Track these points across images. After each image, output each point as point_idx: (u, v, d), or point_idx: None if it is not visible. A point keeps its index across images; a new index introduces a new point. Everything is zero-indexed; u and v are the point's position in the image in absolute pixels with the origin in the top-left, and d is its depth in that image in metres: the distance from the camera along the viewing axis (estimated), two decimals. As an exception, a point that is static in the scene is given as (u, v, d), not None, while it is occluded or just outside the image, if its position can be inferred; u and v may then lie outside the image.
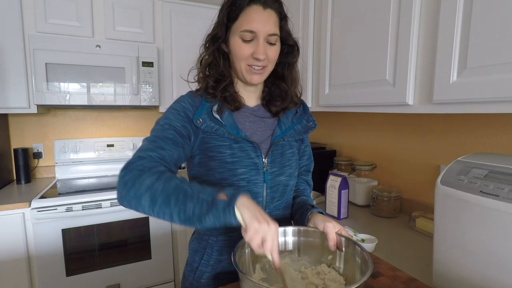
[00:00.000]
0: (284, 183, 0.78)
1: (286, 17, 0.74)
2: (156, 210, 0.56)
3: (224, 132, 0.70)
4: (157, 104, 1.92)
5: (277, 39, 0.71)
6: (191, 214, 0.55)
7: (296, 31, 1.47)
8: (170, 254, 1.80)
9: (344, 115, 1.75)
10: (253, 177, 0.73)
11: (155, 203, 0.56)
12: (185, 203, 0.55)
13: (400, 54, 0.92)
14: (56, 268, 1.54)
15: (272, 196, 0.77)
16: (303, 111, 0.84)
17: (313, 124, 0.83)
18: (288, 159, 0.79)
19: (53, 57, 1.65)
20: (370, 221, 1.27)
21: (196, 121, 0.70)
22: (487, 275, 0.60)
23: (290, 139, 0.79)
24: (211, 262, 0.76)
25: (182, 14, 1.97)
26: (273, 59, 0.72)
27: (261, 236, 0.54)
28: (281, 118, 0.80)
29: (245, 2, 0.67)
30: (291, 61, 0.78)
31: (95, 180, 1.96)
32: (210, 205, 0.54)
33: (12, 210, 1.46)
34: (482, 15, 0.71)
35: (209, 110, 0.71)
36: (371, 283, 0.67)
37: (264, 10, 0.68)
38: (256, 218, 0.54)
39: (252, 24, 0.67)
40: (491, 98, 0.69)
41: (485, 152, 0.97)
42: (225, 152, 0.71)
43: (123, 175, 0.59)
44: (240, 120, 0.75)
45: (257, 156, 0.73)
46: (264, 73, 0.73)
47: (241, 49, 0.69)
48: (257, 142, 0.74)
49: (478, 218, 0.60)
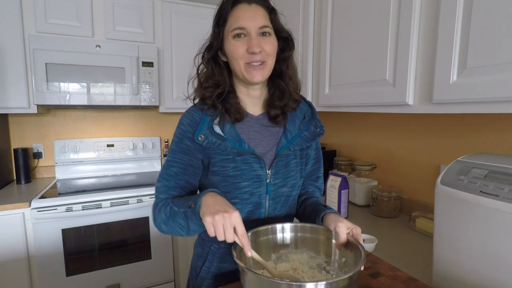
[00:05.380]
0: (286, 194, 0.77)
1: (274, 10, 0.72)
2: (171, 232, 0.69)
3: (227, 147, 0.69)
4: (157, 104, 1.92)
5: (270, 30, 0.70)
6: (186, 226, 0.64)
7: (296, 31, 1.47)
8: (170, 254, 1.80)
9: (344, 115, 1.75)
10: (256, 189, 0.73)
11: (168, 228, 0.69)
12: (177, 220, 0.65)
13: (400, 54, 0.92)
14: (56, 268, 1.54)
15: (274, 207, 0.76)
16: (311, 116, 0.80)
17: (321, 130, 0.78)
18: (292, 170, 0.77)
19: (53, 57, 1.65)
20: (370, 221, 1.27)
21: (198, 139, 0.69)
22: (487, 275, 0.60)
23: (296, 148, 0.76)
24: (212, 269, 0.76)
25: (182, 14, 1.97)
26: (270, 51, 0.69)
27: (220, 226, 0.56)
28: (287, 126, 0.76)
29: (230, 4, 0.68)
30: (287, 54, 0.75)
31: (95, 180, 1.96)
32: (187, 216, 0.63)
33: (12, 210, 1.46)
34: (482, 15, 0.71)
35: (210, 124, 0.70)
36: (371, 283, 0.67)
37: (250, 5, 0.68)
38: (209, 213, 0.57)
39: (240, 21, 0.67)
40: (491, 98, 0.69)
41: (485, 152, 0.97)
42: (228, 166, 0.71)
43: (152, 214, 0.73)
44: (244, 131, 0.74)
45: (260, 168, 0.72)
46: (265, 69, 0.70)
47: (235, 47, 0.68)
48: (262, 153, 0.73)
49: (478, 218, 0.60)
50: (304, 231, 0.70)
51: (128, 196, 1.66)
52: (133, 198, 1.67)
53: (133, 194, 1.67)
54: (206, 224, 0.56)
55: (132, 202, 1.66)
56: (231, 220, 0.56)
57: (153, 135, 2.30)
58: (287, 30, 0.75)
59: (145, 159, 2.22)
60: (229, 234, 0.56)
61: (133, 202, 1.66)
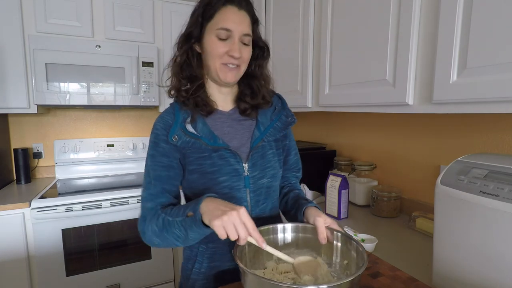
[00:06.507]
0: (266, 185, 0.77)
1: (257, 20, 0.76)
2: (165, 244, 0.68)
3: (201, 144, 0.70)
4: (157, 104, 1.92)
5: (250, 40, 0.73)
6: (183, 236, 0.64)
7: (296, 32, 1.47)
8: (170, 254, 1.80)
9: (344, 115, 1.75)
10: (235, 183, 0.73)
11: (162, 240, 0.68)
12: (172, 231, 0.65)
13: (400, 54, 0.92)
14: (56, 268, 1.54)
15: (257, 199, 0.76)
16: (281, 107, 0.83)
17: (292, 119, 0.82)
18: (269, 160, 0.78)
19: (53, 57, 1.65)
20: (370, 221, 1.27)
21: (172, 139, 0.70)
22: (487, 275, 0.60)
23: (270, 139, 0.78)
24: (203, 270, 0.76)
25: (182, 14, 1.97)
26: (246, 59, 0.73)
27: (231, 226, 0.56)
28: (259, 119, 0.79)
29: (221, 2, 0.69)
30: (262, 62, 0.80)
31: (95, 180, 1.96)
32: (185, 226, 0.62)
33: (12, 210, 1.46)
34: (482, 15, 0.70)
35: (182, 124, 0.71)
36: (371, 283, 0.67)
37: (239, 10, 0.70)
38: (216, 216, 0.57)
39: (228, 23, 0.68)
40: (491, 98, 0.69)
41: (485, 152, 0.97)
42: (204, 163, 0.72)
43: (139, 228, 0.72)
44: (217, 127, 0.75)
45: (237, 162, 0.73)
46: (239, 72, 0.74)
47: (217, 46, 0.70)
48: (236, 147, 0.74)
49: (478, 218, 0.60)
50: (305, 232, 0.71)
51: (128, 196, 1.66)
52: (133, 198, 1.67)
53: (133, 194, 1.67)
54: (215, 228, 0.56)
55: (132, 202, 1.66)
56: (240, 217, 0.57)
57: (153, 135, 2.30)
58: (264, 41, 0.79)
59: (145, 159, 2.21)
60: (241, 230, 0.56)
61: (133, 202, 1.67)
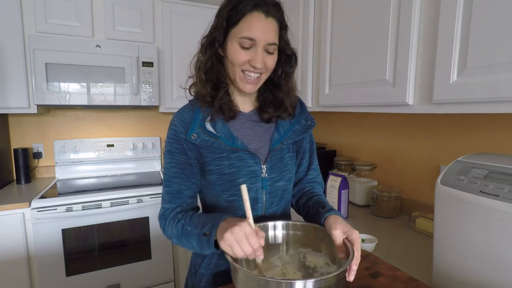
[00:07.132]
0: (282, 188, 0.77)
1: (286, 27, 0.72)
2: (183, 247, 0.71)
3: (220, 144, 0.69)
4: (157, 104, 1.92)
5: (276, 48, 0.70)
6: (198, 248, 0.66)
7: (296, 32, 1.47)
8: (170, 254, 1.80)
9: (344, 115, 1.75)
10: (252, 185, 0.73)
11: (181, 244, 0.70)
12: (190, 241, 0.67)
13: (400, 54, 0.92)
14: (56, 268, 1.54)
15: (271, 201, 0.76)
16: (301, 110, 0.81)
17: (311, 122, 0.80)
18: (287, 163, 0.77)
19: (53, 57, 1.65)
20: (370, 221, 1.27)
21: (190, 137, 0.69)
22: (487, 275, 0.60)
23: (289, 142, 0.77)
24: (211, 266, 0.77)
25: (182, 14, 1.97)
26: (270, 68, 0.71)
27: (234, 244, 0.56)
28: (279, 121, 0.78)
29: (248, 8, 0.65)
30: (288, 70, 0.76)
31: (95, 180, 1.96)
32: (201, 242, 0.64)
33: (12, 210, 1.46)
34: (482, 15, 0.71)
35: (202, 123, 0.70)
36: (371, 283, 0.67)
37: (266, 18, 0.66)
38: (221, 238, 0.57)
39: (252, 32, 0.65)
40: (491, 98, 0.69)
41: (485, 152, 0.97)
42: (223, 163, 0.71)
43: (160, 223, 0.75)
44: (236, 128, 0.74)
45: (255, 163, 0.72)
46: (258, 83, 0.72)
47: (239, 55, 0.67)
48: (255, 148, 0.74)
49: (478, 218, 0.60)
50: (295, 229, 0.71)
51: (128, 196, 1.66)
52: (133, 198, 1.67)
53: (133, 194, 1.67)
54: (224, 249, 0.57)
55: (132, 202, 1.66)
56: (243, 232, 0.56)
57: (153, 135, 2.30)
58: (292, 49, 0.75)
59: (145, 159, 2.22)
60: (245, 246, 0.55)
61: (133, 202, 1.67)
